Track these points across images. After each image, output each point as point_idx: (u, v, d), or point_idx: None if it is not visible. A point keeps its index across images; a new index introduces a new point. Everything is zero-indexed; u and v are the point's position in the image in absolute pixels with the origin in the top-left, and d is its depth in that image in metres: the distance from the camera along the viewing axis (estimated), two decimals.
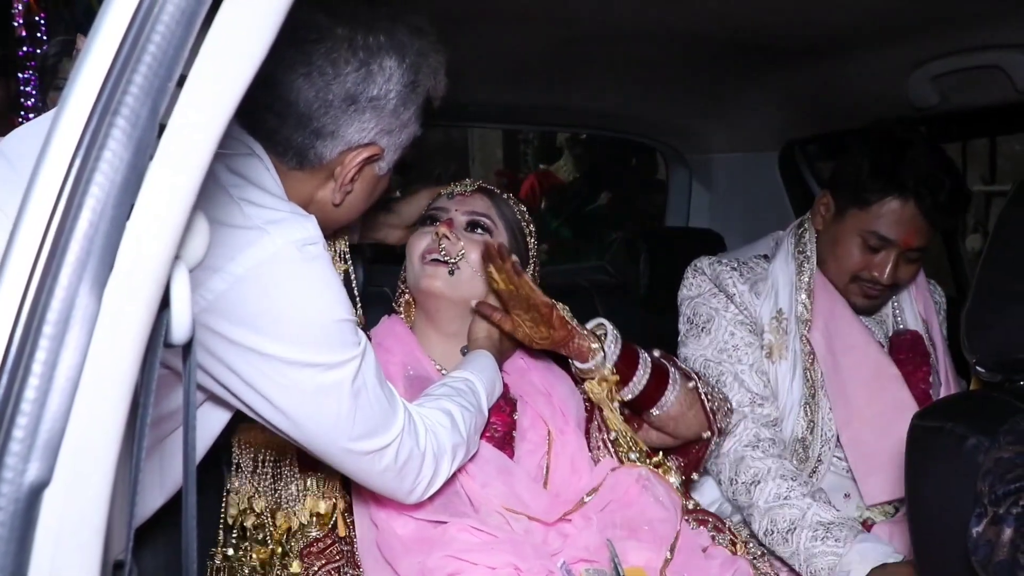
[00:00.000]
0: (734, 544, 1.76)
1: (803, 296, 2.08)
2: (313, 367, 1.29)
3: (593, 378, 1.79)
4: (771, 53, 2.24)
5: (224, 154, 1.29)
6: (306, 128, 1.36)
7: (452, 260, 1.75)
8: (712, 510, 1.96)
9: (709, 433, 1.87)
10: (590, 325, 1.81)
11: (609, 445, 1.79)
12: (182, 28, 0.68)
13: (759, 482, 1.96)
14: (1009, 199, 1.52)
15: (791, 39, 2.13)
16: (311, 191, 1.43)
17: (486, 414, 1.65)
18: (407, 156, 1.54)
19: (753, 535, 1.95)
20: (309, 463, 1.65)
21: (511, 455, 1.73)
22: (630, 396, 1.81)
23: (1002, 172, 6.80)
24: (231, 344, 1.26)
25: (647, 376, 1.80)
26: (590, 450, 1.79)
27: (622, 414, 1.83)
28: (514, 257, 1.68)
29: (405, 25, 1.39)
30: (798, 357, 2.05)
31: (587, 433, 1.81)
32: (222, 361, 1.28)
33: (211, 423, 1.43)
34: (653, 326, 2.28)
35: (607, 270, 2.78)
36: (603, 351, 1.76)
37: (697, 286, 2.16)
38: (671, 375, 1.83)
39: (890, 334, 2.17)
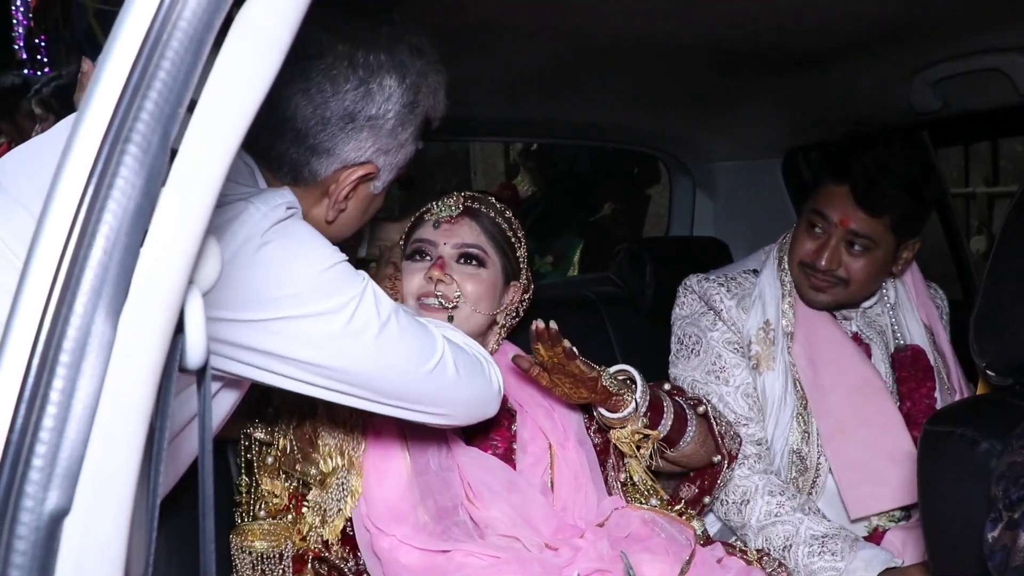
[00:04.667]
0: (748, 563, 1.75)
1: (786, 306, 2.09)
2: (332, 313, 1.28)
3: (623, 427, 1.75)
4: (772, 61, 2.24)
5: None
6: (302, 144, 1.36)
7: (450, 305, 1.73)
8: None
9: (719, 457, 1.86)
10: (612, 370, 1.77)
11: (619, 487, 1.78)
12: (191, 54, 0.68)
13: (748, 501, 1.96)
14: (1015, 202, 1.52)
15: (792, 47, 2.13)
16: (306, 208, 1.42)
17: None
18: (411, 172, 1.54)
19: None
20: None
21: (513, 469, 1.73)
22: (660, 434, 1.78)
23: (1005, 173, 6.80)
24: (248, 326, 1.24)
25: (671, 422, 1.77)
26: (607, 490, 1.78)
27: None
28: (566, 342, 1.64)
29: (406, 45, 1.38)
30: (787, 368, 2.06)
31: (602, 468, 1.79)
32: (250, 347, 1.26)
33: (223, 405, 1.42)
34: (659, 336, 2.28)
35: (613, 281, 2.77)
36: (635, 402, 1.72)
37: (688, 305, 2.17)
38: (688, 418, 1.81)
39: (891, 349, 2.16)
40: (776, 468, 2.03)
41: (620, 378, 1.76)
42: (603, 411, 1.74)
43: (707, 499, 1.89)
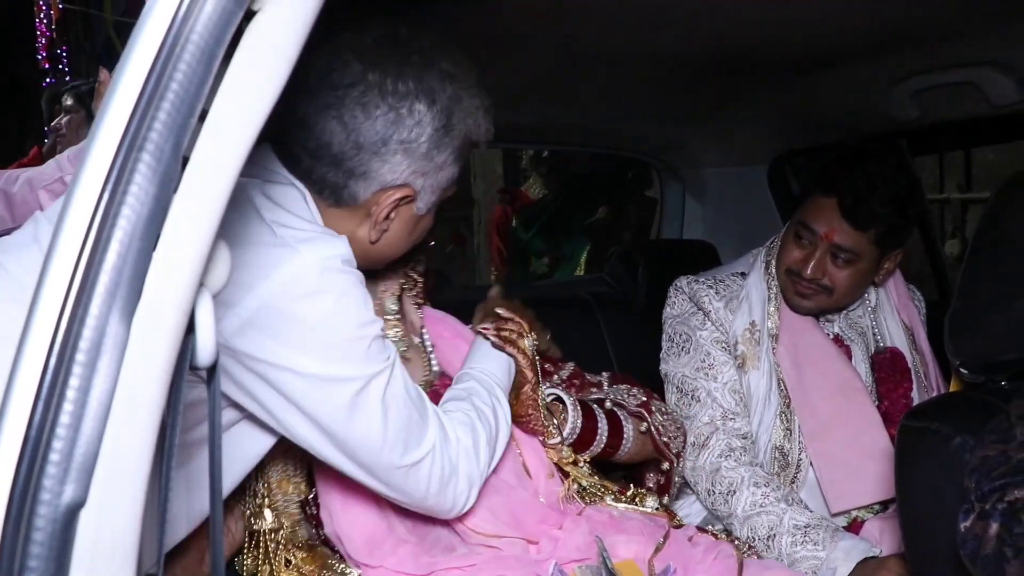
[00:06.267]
0: (716, 537, 1.75)
1: (771, 309, 2.09)
2: (344, 381, 1.30)
3: (551, 449, 1.73)
4: (760, 71, 2.24)
5: (264, 182, 1.34)
6: (340, 168, 1.37)
7: None
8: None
9: (667, 465, 1.86)
10: (550, 397, 1.75)
11: (575, 496, 1.73)
12: (203, 66, 0.68)
13: (735, 491, 1.96)
14: (986, 210, 1.52)
15: (778, 58, 2.14)
16: (351, 229, 1.43)
17: (507, 408, 1.59)
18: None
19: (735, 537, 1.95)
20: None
21: None
22: (591, 455, 1.77)
23: (977, 179, 6.82)
24: (269, 363, 1.27)
25: (605, 435, 1.76)
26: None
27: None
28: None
29: (437, 71, 1.38)
30: (772, 368, 2.06)
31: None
32: (263, 379, 1.29)
33: (254, 445, 1.42)
34: (651, 336, 2.28)
35: (607, 282, 2.77)
36: (560, 435, 1.70)
37: (679, 305, 2.17)
38: (624, 427, 1.79)
39: (872, 350, 2.16)
40: (760, 462, 2.03)
41: (550, 399, 1.74)
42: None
43: (666, 499, 1.87)
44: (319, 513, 1.59)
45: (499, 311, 1.69)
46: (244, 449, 1.42)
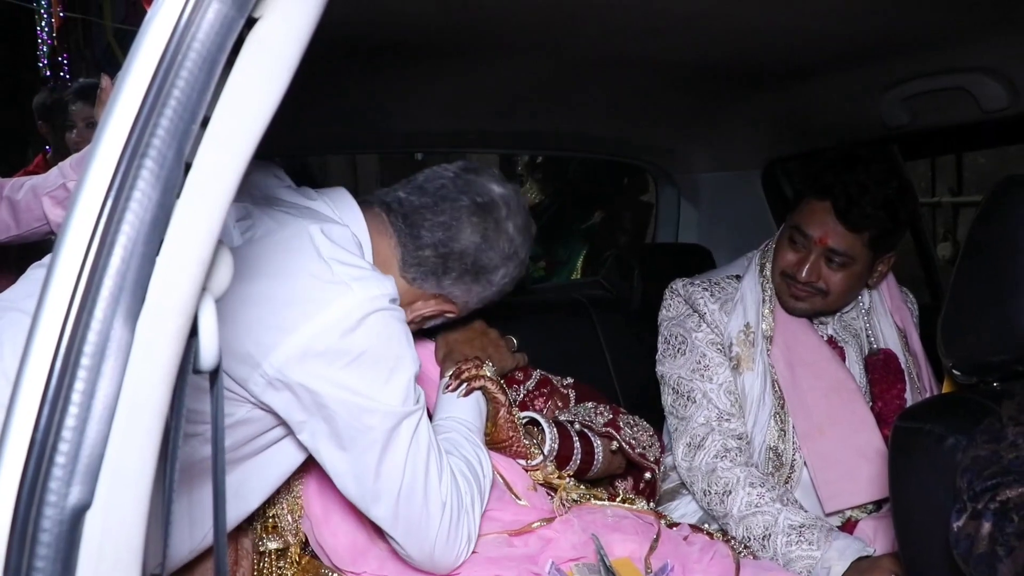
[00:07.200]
0: (711, 537, 1.75)
1: (766, 311, 2.09)
2: (383, 414, 1.38)
3: (536, 470, 1.75)
4: (753, 77, 2.25)
5: (322, 222, 1.45)
6: (444, 261, 1.55)
7: None
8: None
9: (650, 475, 1.92)
10: (524, 420, 1.77)
11: (565, 503, 1.74)
12: (204, 73, 0.68)
13: (730, 492, 1.96)
14: (977, 215, 1.52)
15: (772, 64, 2.14)
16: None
17: (487, 455, 1.63)
18: None
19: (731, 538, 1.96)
20: None
21: None
22: (571, 471, 1.80)
23: (969, 183, 6.83)
24: (320, 392, 1.35)
25: (579, 454, 1.80)
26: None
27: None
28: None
29: (531, 241, 1.63)
30: (766, 369, 2.06)
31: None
32: (315, 400, 1.36)
33: (287, 458, 1.50)
34: (647, 338, 2.28)
35: (603, 285, 2.77)
36: (542, 454, 1.73)
37: (675, 307, 2.17)
38: (594, 446, 1.82)
39: (865, 352, 2.16)
40: (754, 463, 2.03)
41: (524, 422, 1.75)
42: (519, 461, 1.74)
43: (651, 504, 1.89)
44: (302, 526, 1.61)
45: (459, 363, 1.72)
46: (281, 463, 1.50)
